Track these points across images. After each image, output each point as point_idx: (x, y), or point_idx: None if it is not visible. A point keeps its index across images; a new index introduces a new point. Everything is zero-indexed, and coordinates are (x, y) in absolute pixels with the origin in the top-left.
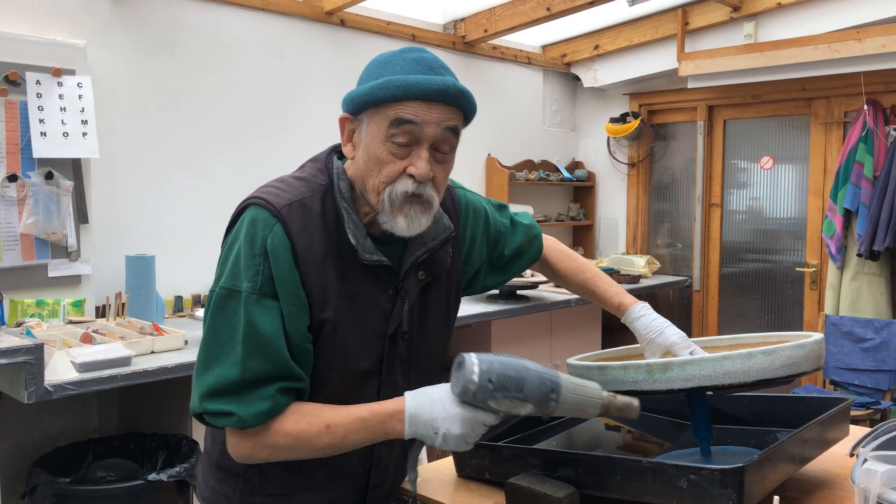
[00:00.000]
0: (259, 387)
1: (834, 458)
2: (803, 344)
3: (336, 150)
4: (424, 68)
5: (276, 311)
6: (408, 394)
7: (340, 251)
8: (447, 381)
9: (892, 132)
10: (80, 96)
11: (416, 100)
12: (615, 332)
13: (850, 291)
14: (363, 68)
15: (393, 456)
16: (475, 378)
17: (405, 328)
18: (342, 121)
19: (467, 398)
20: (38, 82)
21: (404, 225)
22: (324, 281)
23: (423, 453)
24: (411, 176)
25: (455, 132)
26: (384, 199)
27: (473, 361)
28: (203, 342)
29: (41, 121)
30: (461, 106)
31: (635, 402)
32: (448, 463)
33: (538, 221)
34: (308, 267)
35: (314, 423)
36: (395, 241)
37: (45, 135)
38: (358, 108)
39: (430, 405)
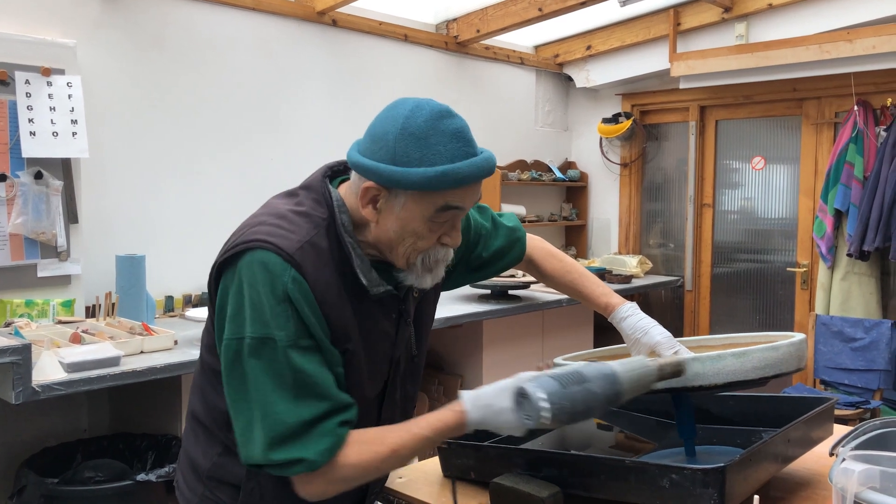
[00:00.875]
0: (318, 425)
1: (818, 458)
2: (777, 346)
3: (327, 176)
4: (464, 144)
5: (316, 351)
6: (466, 402)
7: (349, 286)
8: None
9: (882, 133)
10: (69, 96)
11: (463, 186)
12: (607, 331)
13: (840, 291)
14: (391, 136)
15: None
16: (547, 422)
17: (414, 351)
18: (367, 188)
19: (537, 426)
20: (27, 82)
21: (430, 282)
22: (343, 318)
23: None
24: (444, 244)
25: None
26: (417, 264)
27: (545, 406)
28: (242, 396)
29: (30, 120)
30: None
31: (683, 362)
32: (433, 463)
33: (530, 222)
34: (328, 307)
35: (379, 450)
36: (391, 266)
37: (34, 134)
38: (398, 188)
39: (493, 417)
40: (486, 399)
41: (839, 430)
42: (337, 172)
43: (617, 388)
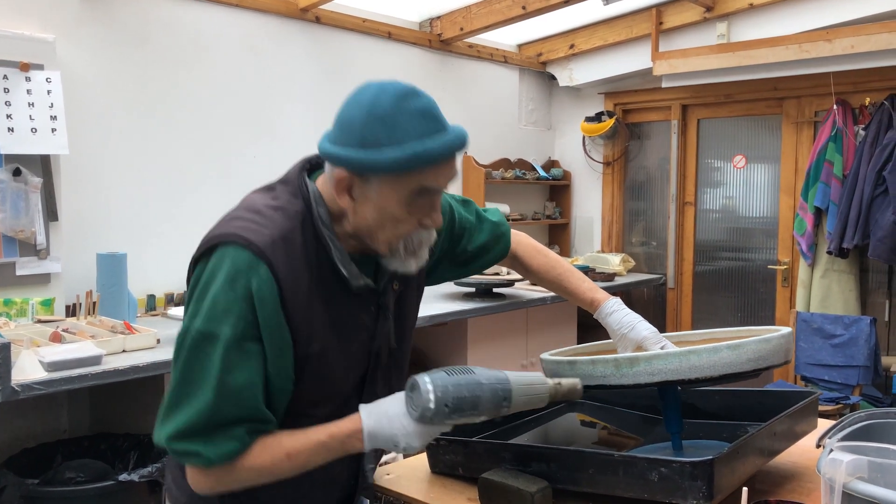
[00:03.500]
0: (227, 429)
1: (802, 451)
2: (769, 338)
3: (305, 169)
4: (432, 122)
5: (257, 356)
6: (363, 410)
7: (323, 279)
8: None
9: (861, 132)
10: (48, 91)
11: (437, 165)
12: (591, 328)
13: (820, 288)
14: (358, 121)
15: (380, 460)
16: (431, 405)
17: (393, 345)
18: (340, 177)
19: (424, 421)
20: (5, 77)
21: (415, 266)
22: (309, 316)
23: None
24: (425, 226)
25: None
26: (399, 248)
27: (428, 388)
28: (174, 381)
29: (9, 116)
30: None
31: (578, 383)
32: (421, 459)
33: (514, 220)
34: (294, 305)
35: (275, 453)
36: (370, 259)
37: (12, 130)
38: (369, 173)
39: (388, 423)
40: (382, 407)
41: (822, 425)
42: (315, 166)
43: (504, 385)
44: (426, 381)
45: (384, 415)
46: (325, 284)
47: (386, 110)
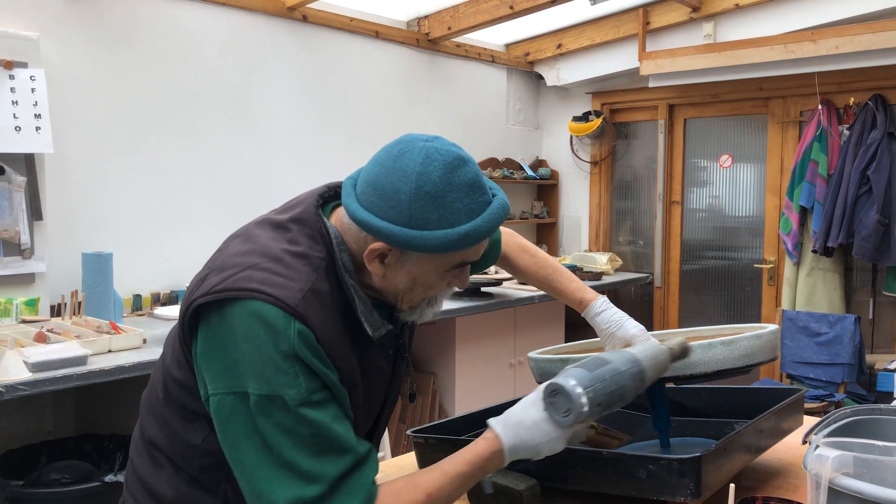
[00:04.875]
0: (346, 482)
1: (789, 448)
2: (760, 334)
3: (319, 205)
4: (480, 196)
5: (331, 402)
6: (497, 427)
7: (350, 329)
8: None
9: (845, 132)
10: (32, 89)
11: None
12: (578, 328)
13: (805, 287)
14: (388, 174)
15: None
16: (585, 409)
17: (413, 389)
18: (377, 249)
19: (577, 424)
20: None
21: (431, 315)
22: (349, 364)
23: (387, 446)
24: (451, 286)
25: None
26: (423, 306)
27: (579, 392)
28: (256, 454)
29: None
30: None
31: (685, 341)
32: (410, 458)
33: None
34: (335, 354)
35: (414, 497)
36: (386, 303)
37: None
38: (414, 251)
39: (528, 433)
40: (516, 417)
41: (808, 422)
42: (327, 199)
43: (639, 366)
44: (573, 385)
45: (521, 426)
46: (351, 333)
47: (436, 186)
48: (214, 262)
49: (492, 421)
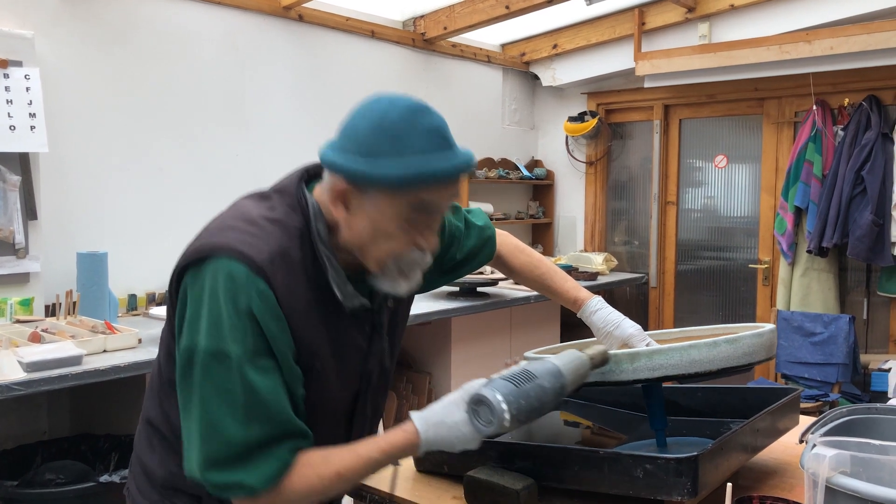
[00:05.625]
0: (264, 449)
1: (785, 447)
2: (761, 333)
3: (302, 179)
4: (441, 140)
5: (273, 369)
6: (417, 422)
7: (323, 299)
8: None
9: (840, 132)
10: (27, 88)
11: (440, 183)
12: (574, 328)
13: (800, 287)
14: (365, 132)
15: None
16: (507, 424)
17: (387, 364)
18: (337, 186)
19: (496, 434)
20: None
21: (406, 288)
22: (309, 335)
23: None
24: (420, 248)
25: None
26: (390, 267)
27: (503, 407)
28: (193, 408)
29: None
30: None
31: (605, 350)
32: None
33: (498, 220)
34: (297, 322)
35: (324, 473)
36: (365, 278)
37: None
38: (368, 185)
39: (448, 431)
40: (438, 416)
41: (803, 421)
42: (313, 176)
43: (562, 381)
44: (498, 400)
45: (442, 425)
46: (324, 303)
47: (394, 123)
48: (201, 230)
49: (414, 414)
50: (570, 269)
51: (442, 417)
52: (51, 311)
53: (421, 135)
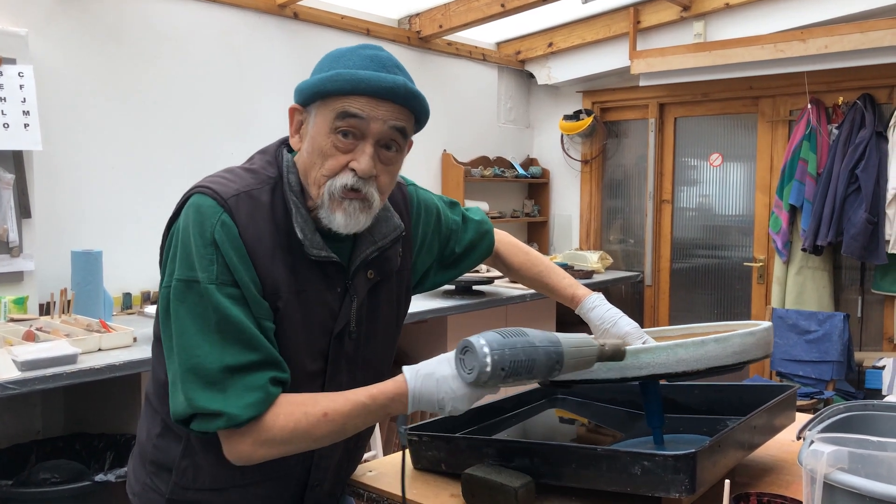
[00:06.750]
0: (244, 376)
1: (781, 444)
2: (753, 332)
3: (286, 144)
4: (377, 65)
5: (240, 298)
6: (407, 373)
7: (289, 245)
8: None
9: (834, 131)
10: (21, 86)
11: (365, 95)
12: (569, 325)
13: (795, 285)
14: (318, 62)
15: (335, 457)
16: (488, 369)
17: (353, 328)
18: (292, 111)
19: (478, 384)
20: None
21: (342, 221)
22: (273, 274)
23: (379, 443)
24: (353, 171)
25: (402, 133)
26: (324, 193)
27: (485, 352)
28: (173, 344)
29: None
30: (411, 107)
31: (622, 345)
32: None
33: (493, 218)
34: (257, 258)
35: (311, 411)
36: (345, 239)
37: None
38: (307, 99)
39: (436, 385)
40: (428, 368)
41: (800, 418)
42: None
43: (557, 348)
44: (482, 344)
45: (431, 377)
46: (292, 251)
47: (342, 51)
48: None
49: (406, 368)
50: (565, 268)
51: (431, 370)
52: (45, 309)
53: (359, 57)
